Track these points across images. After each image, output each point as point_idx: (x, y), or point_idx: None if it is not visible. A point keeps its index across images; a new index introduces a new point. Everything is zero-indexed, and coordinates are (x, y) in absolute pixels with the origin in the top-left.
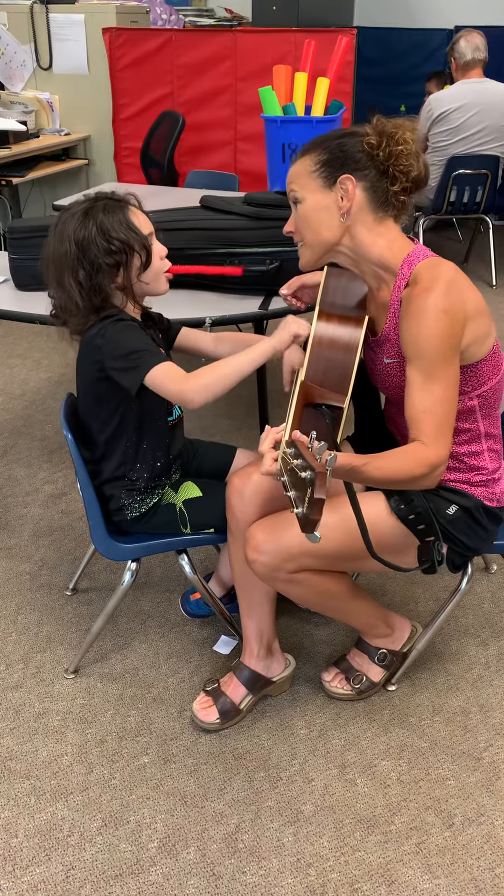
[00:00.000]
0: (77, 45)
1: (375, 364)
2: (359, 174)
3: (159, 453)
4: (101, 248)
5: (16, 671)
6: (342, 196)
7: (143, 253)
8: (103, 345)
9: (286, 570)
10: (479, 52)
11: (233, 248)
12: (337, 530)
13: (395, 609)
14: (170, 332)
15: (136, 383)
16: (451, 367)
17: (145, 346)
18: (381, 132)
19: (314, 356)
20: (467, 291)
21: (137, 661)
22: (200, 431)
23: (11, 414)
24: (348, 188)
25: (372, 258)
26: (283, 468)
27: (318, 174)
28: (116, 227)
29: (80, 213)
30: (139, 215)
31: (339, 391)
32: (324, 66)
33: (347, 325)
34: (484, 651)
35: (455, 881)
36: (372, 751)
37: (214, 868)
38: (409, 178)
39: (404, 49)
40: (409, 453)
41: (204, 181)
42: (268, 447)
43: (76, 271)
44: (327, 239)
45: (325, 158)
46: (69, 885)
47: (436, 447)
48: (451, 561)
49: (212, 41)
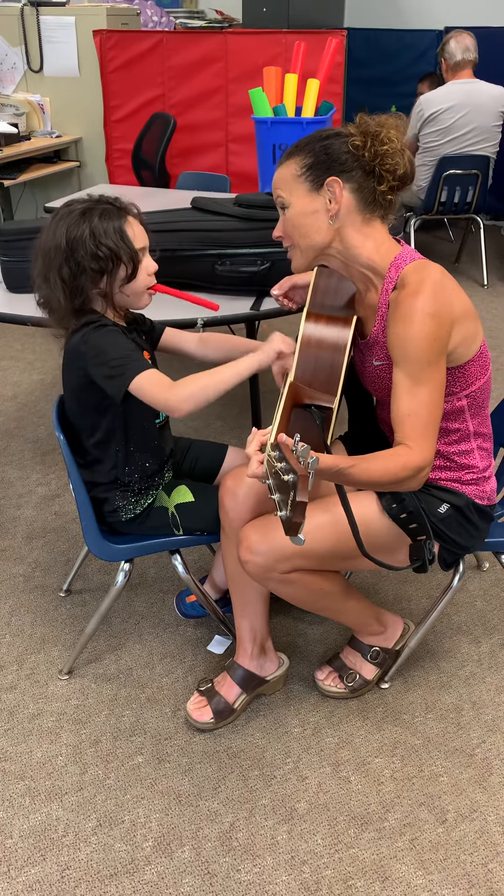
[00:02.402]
0: (68, 47)
1: (365, 366)
2: (345, 176)
3: (149, 455)
4: (89, 252)
5: (10, 672)
6: (330, 199)
7: (130, 265)
8: (86, 351)
9: (279, 571)
10: (469, 52)
11: (224, 248)
12: (328, 530)
13: (387, 607)
14: (153, 333)
15: (120, 391)
16: (437, 370)
17: (128, 352)
18: (365, 132)
19: (303, 356)
20: (454, 294)
21: (131, 661)
22: (193, 433)
23: (4, 416)
24: (335, 191)
25: (361, 260)
26: (268, 471)
27: (305, 178)
28: (108, 234)
29: (78, 212)
30: (136, 227)
31: (329, 391)
32: (314, 68)
33: (336, 325)
34: (476, 648)
35: (448, 877)
36: (365, 748)
37: (209, 866)
38: (395, 176)
39: (394, 50)
40: (395, 456)
41: (195, 183)
42: (254, 450)
43: (61, 268)
44: (317, 242)
45: (311, 162)
46: (64, 885)
47: (420, 450)
48: (442, 559)
49: (202, 43)
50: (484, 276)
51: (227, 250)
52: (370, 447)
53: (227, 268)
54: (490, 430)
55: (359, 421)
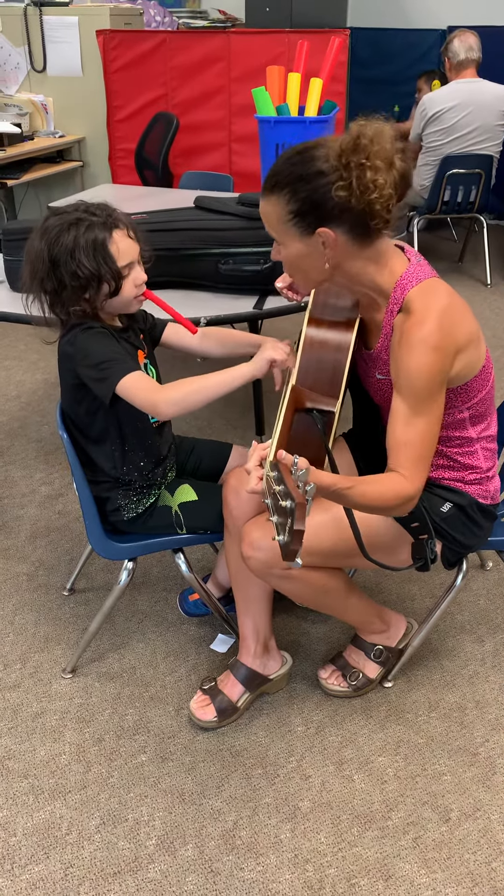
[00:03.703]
0: (71, 47)
1: (368, 377)
2: (335, 223)
3: (147, 454)
4: (70, 271)
5: (13, 671)
6: (324, 243)
7: (112, 284)
8: (74, 353)
9: (281, 567)
10: (473, 51)
11: (227, 248)
12: (330, 528)
13: (391, 606)
14: (154, 329)
15: (107, 393)
16: (436, 402)
17: (114, 355)
18: (345, 165)
19: (305, 359)
20: (461, 320)
21: (135, 660)
22: (196, 432)
23: (7, 416)
24: (329, 240)
25: (364, 284)
26: (267, 491)
27: (293, 224)
28: (90, 254)
29: (64, 226)
30: (122, 243)
31: (331, 395)
32: (317, 67)
33: (339, 328)
34: (480, 647)
35: (452, 875)
36: (369, 747)
37: (212, 864)
38: (389, 202)
39: (397, 49)
40: (391, 483)
41: (198, 182)
42: (253, 465)
43: (44, 281)
44: (317, 279)
45: (296, 209)
46: (68, 883)
47: (412, 481)
48: (445, 558)
49: (206, 43)
50: (487, 276)
51: (230, 249)
52: (375, 445)
53: (230, 267)
54: (495, 431)
55: (363, 418)
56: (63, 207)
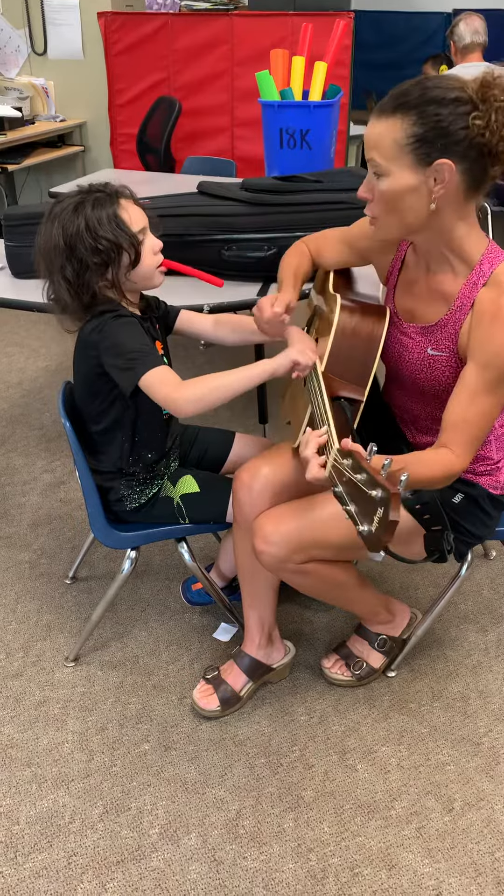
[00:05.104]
0: (72, 29)
1: (412, 352)
2: (457, 157)
3: (155, 445)
4: (89, 247)
5: (16, 660)
6: (436, 179)
7: (132, 251)
8: (100, 340)
9: (295, 561)
10: (479, 35)
11: (230, 233)
12: (343, 521)
13: (394, 596)
14: (168, 317)
15: (131, 384)
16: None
17: (143, 346)
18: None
19: (336, 346)
20: None
21: (137, 648)
22: (200, 420)
23: (9, 403)
24: (445, 175)
25: (452, 245)
26: (337, 478)
27: (412, 149)
28: (104, 225)
29: (70, 208)
30: (131, 209)
31: (360, 384)
32: (321, 51)
33: (371, 317)
34: (483, 637)
35: (455, 865)
36: (372, 737)
37: (216, 854)
38: None
39: (402, 33)
40: (440, 462)
41: (201, 167)
42: (312, 452)
43: (64, 268)
44: (411, 224)
45: (421, 132)
46: (71, 871)
47: (462, 459)
48: (455, 549)
49: (208, 25)
50: None
51: (233, 235)
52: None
53: (234, 253)
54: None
55: (369, 401)
56: (65, 193)
